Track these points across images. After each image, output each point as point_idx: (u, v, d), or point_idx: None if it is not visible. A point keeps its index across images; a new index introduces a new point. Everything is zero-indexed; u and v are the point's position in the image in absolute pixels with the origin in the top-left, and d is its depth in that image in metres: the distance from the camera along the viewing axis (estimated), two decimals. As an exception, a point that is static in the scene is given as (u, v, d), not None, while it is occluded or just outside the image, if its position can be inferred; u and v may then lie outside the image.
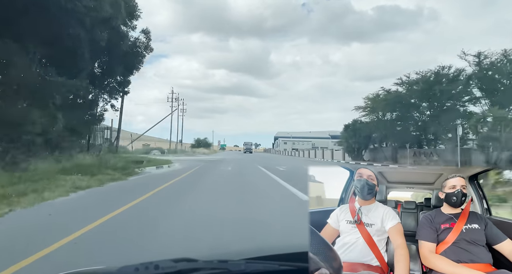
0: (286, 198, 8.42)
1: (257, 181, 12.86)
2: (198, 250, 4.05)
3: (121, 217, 5.68)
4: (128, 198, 7.49)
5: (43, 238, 4.23)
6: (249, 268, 1.21)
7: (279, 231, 4.89)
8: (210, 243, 4.17)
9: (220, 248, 3.81)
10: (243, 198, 8.33)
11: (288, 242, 4.54)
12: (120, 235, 4.63)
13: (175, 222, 5.43)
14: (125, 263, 1.20)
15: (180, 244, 4.21)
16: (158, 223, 5.33)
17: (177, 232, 4.84)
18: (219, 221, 5.51)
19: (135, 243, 4.19)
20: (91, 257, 3.71)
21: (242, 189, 10.14)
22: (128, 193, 8.81)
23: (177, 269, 1.15)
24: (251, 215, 6.13)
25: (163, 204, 7.17)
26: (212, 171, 17.39)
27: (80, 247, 3.98)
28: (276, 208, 7.10)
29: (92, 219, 5.24)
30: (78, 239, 4.24)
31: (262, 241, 4.28)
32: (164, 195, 8.58)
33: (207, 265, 1.22)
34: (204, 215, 6.12)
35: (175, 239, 4.47)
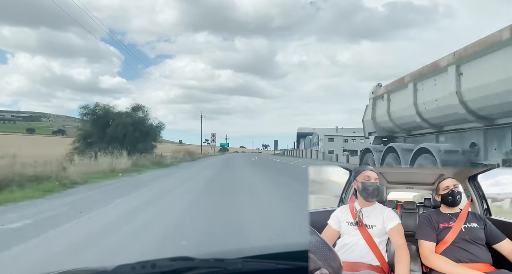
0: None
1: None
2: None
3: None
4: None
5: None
6: (246, 267, 1.22)
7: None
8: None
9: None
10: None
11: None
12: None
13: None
14: (122, 262, 1.21)
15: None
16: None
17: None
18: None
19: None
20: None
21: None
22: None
23: (174, 268, 1.15)
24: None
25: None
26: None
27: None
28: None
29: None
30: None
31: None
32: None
33: (204, 264, 1.22)
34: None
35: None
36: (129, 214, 7.33)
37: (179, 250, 3.96)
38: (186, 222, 6.57)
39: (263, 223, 6.57)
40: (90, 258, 4.16)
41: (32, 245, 4.77)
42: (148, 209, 7.92)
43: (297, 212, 6.89)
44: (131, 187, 12.51)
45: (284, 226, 6.09)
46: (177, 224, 6.39)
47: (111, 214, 7.36)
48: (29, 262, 4.10)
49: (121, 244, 4.91)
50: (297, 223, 5.67)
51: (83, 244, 4.92)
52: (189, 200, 9.52)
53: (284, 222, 6.52)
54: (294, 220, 6.28)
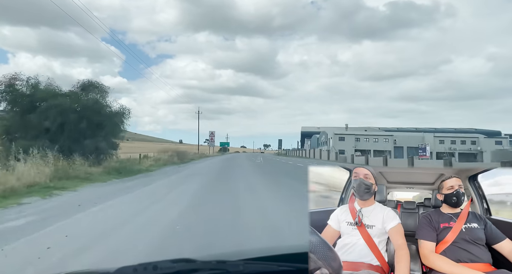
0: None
1: None
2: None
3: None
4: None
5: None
6: (248, 269, 1.22)
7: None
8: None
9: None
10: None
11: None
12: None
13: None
14: (123, 264, 1.21)
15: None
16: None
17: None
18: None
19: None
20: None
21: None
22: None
23: (176, 269, 1.15)
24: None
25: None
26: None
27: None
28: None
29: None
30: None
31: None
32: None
33: (206, 266, 1.22)
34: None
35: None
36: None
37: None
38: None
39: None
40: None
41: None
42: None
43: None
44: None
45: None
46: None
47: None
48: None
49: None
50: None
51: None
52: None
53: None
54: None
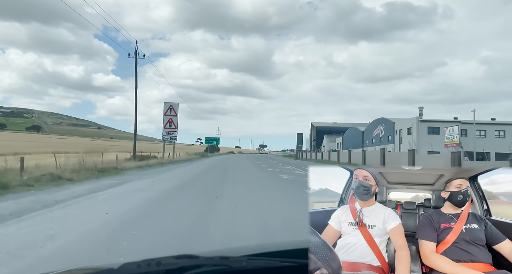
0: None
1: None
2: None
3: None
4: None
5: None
6: (251, 265, 1.22)
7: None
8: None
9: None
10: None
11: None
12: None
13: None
14: (127, 260, 1.21)
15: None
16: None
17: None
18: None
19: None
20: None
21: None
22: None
23: (179, 266, 1.15)
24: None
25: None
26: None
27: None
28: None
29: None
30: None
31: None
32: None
33: (209, 262, 1.22)
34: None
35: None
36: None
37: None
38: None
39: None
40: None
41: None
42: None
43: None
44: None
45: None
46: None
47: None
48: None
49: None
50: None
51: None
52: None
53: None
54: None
